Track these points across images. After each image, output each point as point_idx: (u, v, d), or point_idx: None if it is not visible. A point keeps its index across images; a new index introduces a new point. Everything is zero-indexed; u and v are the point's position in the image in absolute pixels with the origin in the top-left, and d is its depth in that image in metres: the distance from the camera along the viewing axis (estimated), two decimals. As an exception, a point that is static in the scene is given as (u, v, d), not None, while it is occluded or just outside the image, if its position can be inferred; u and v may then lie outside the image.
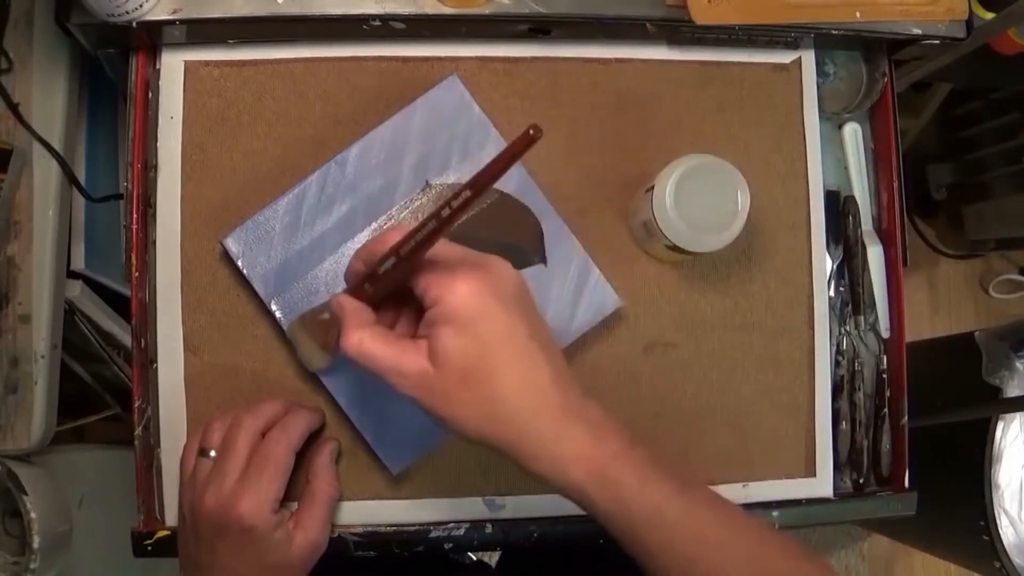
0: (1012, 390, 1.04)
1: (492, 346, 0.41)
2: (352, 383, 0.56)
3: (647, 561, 0.43)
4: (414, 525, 0.58)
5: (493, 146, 0.58)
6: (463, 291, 0.41)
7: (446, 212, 0.39)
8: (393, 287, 0.44)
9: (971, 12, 0.61)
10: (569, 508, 0.59)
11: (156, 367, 0.57)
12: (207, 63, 0.59)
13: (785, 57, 0.64)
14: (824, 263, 0.64)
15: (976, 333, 1.10)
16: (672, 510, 0.42)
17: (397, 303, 0.46)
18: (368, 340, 0.43)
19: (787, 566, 0.44)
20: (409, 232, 0.41)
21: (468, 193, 0.39)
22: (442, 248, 0.43)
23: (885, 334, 0.65)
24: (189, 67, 0.59)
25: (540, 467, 0.42)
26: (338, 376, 0.56)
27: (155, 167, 0.58)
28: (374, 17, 0.56)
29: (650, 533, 0.42)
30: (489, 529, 0.59)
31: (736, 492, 0.61)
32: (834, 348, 0.64)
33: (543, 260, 0.58)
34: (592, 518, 0.43)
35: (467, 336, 0.41)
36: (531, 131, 0.36)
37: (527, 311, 0.43)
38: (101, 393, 0.95)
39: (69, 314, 0.74)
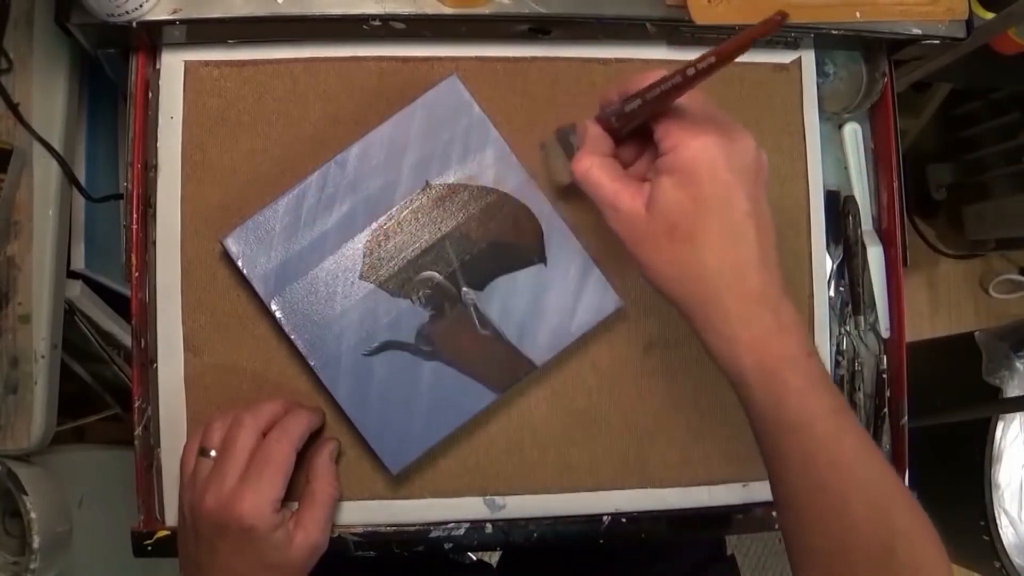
0: (1012, 390, 1.04)
1: (707, 209, 0.41)
2: (352, 383, 0.56)
3: (780, 468, 0.43)
4: (414, 525, 0.58)
5: (493, 146, 0.58)
6: (697, 147, 0.41)
7: (691, 71, 0.39)
8: (638, 125, 0.44)
9: (971, 12, 0.61)
10: (569, 508, 0.60)
11: (156, 367, 0.57)
12: (207, 63, 0.59)
13: (785, 57, 0.64)
14: (824, 263, 0.64)
15: (976, 333, 1.10)
16: (824, 427, 0.41)
17: (642, 143, 0.46)
18: (596, 168, 0.44)
19: (908, 524, 0.43)
20: (655, 81, 0.41)
21: (712, 59, 0.38)
22: (694, 102, 0.43)
23: (885, 334, 0.65)
24: (189, 67, 0.59)
25: (715, 342, 0.42)
26: (338, 376, 0.56)
27: (155, 167, 0.58)
28: (374, 17, 0.56)
29: (795, 442, 0.42)
30: (489, 529, 0.59)
31: (736, 492, 0.61)
32: (834, 348, 0.64)
33: (543, 260, 0.58)
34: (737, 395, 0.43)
35: (687, 191, 0.41)
36: (779, 16, 0.36)
37: (755, 189, 0.42)
38: (101, 393, 0.95)
39: (69, 314, 0.74)
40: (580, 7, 0.57)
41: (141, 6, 0.53)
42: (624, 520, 0.60)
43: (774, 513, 0.46)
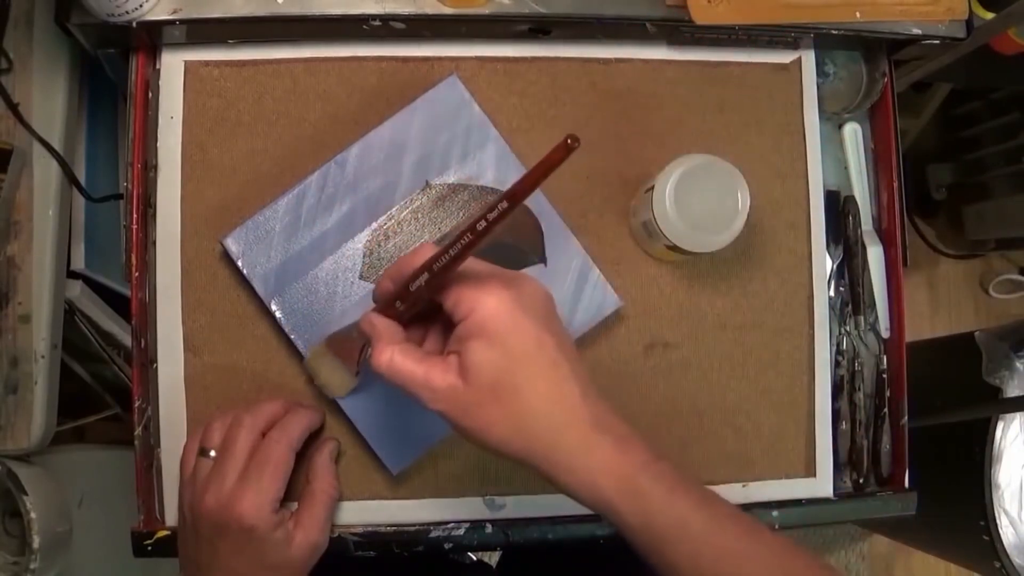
0: (1012, 390, 1.04)
1: (522, 360, 0.41)
2: (352, 383, 0.56)
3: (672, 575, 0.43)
4: (414, 525, 0.58)
5: (493, 146, 0.58)
6: (493, 304, 0.41)
7: (482, 225, 0.39)
8: (423, 304, 0.44)
9: (971, 12, 0.61)
10: (569, 508, 0.59)
11: (156, 367, 0.57)
12: (207, 63, 0.59)
13: (785, 57, 0.64)
14: (824, 263, 0.64)
15: (976, 333, 1.10)
16: (697, 523, 0.42)
17: (424, 321, 0.47)
18: (399, 356, 0.43)
19: None
20: (443, 247, 0.42)
21: (504, 205, 0.39)
22: (472, 263, 0.44)
23: (885, 334, 0.65)
24: (189, 67, 0.59)
25: (569, 480, 0.42)
26: (338, 376, 0.56)
27: (155, 167, 0.58)
28: (374, 17, 0.56)
29: (676, 546, 0.42)
30: (489, 529, 0.59)
31: (736, 492, 0.61)
32: (834, 348, 0.64)
33: (543, 260, 0.58)
34: (609, 525, 0.43)
35: (497, 349, 0.41)
36: (568, 141, 0.36)
37: (555, 326, 0.44)
38: (101, 393, 0.95)
39: (69, 314, 0.74)
40: (580, 7, 0.57)
41: (141, 6, 0.53)
42: (624, 520, 0.59)
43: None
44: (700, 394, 0.61)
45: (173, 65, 0.59)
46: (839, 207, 0.65)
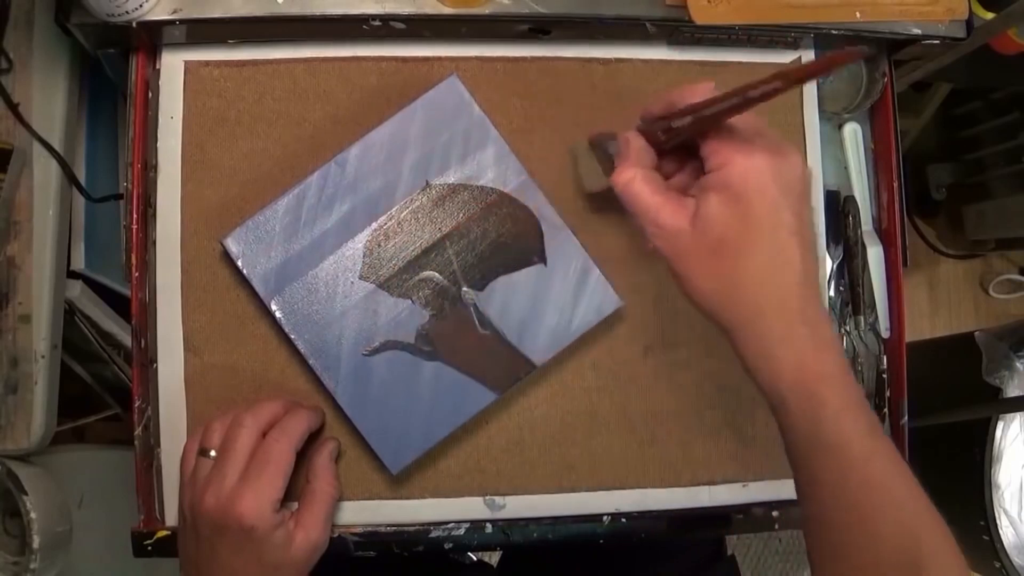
0: (1012, 390, 1.04)
1: (754, 228, 0.41)
2: (352, 383, 0.56)
3: (812, 486, 0.43)
4: (414, 525, 0.58)
5: (493, 146, 0.58)
6: (748, 166, 0.41)
7: (754, 93, 0.39)
8: (683, 140, 0.44)
9: (971, 12, 0.61)
10: (569, 508, 0.60)
11: (156, 367, 0.57)
12: (207, 63, 0.59)
13: (785, 57, 0.64)
14: (824, 263, 0.64)
15: (976, 333, 1.10)
16: (858, 448, 0.41)
17: (683, 156, 0.46)
18: (639, 181, 0.43)
19: (936, 546, 0.43)
20: (711, 99, 0.41)
21: (778, 84, 0.38)
22: (745, 117, 0.42)
23: (885, 334, 0.65)
24: (189, 67, 0.59)
25: (754, 360, 0.42)
26: (338, 376, 0.56)
27: (155, 167, 0.58)
28: (374, 17, 0.56)
29: (829, 462, 0.42)
30: (489, 529, 0.59)
31: (736, 492, 0.61)
32: (834, 348, 0.64)
33: (543, 260, 0.58)
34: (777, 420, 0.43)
35: (734, 209, 0.41)
36: (858, 50, 0.36)
37: (801, 208, 0.42)
38: (101, 393, 0.95)
39: (69, 314, 0.74)
40: (580, 7, 0.57)
41: (141, 6, 0.53)
42: (624, 520, 0.60)
43: (803, 534, 0.47)
44: (700, 394, 0.61)
45: (173, 65, 0.59)
46: (839, 207, 0.65)
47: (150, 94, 0.59)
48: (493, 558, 0.91)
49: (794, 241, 0.42)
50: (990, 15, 0.83)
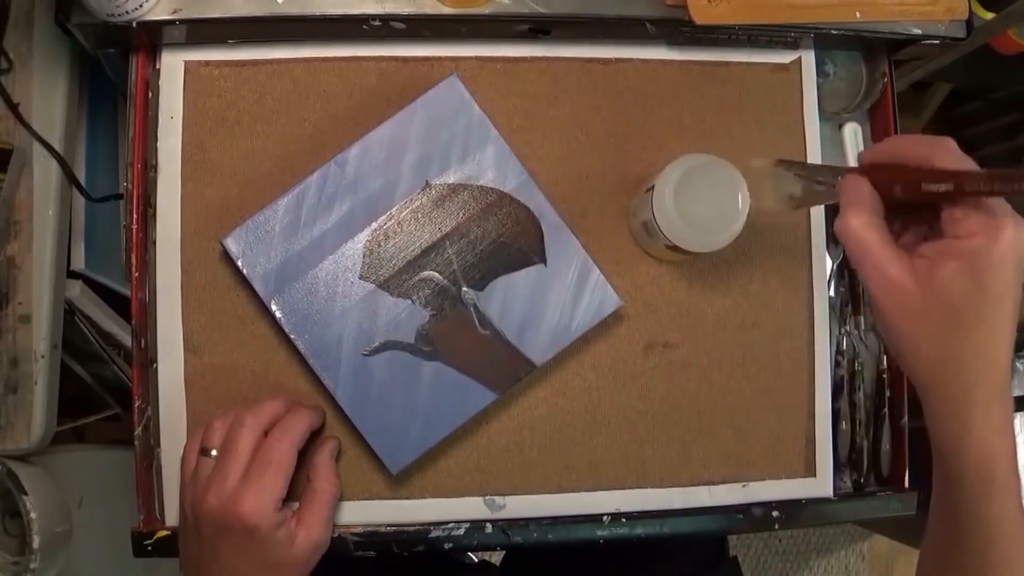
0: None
1: (988, 302, 0.41)
2: (352, 383, 0.56)
3: (965, 550, 0.45)
4: (414, 525, 0.58)
5: (493, 146, 0.58)
6: (997, 242, 0.40)
7: None
8: (919, 201, 0.43)
9: (971, 12, 0.61)
10: (569, 508, 0.60)
11: (156, 367, 0.57)
12: (207, 63, 0.59)
13: (785, 57, 0.64)
14: (824, 263, 0.64)
15: (976, 333, 1.10)
16: (1012, 531, 0.43)
17: (904, 211, 0.45)
18: (872, 229, 0.43)
19: None
20: (985, 175, 0.40)
21: None
22: None
23: (885, 334, 0.65)
24: (189, 67, 0.59)
25: (948, 425, 0.43)
26: (338, 376, 0.56)
27: (155, 167, 0.58)
28: (374, 17, 0.56)
29: (994, 533, 0.43)
30: (489, 529, 0.59)
31: (736, 492, 0.61)
32: (834, 348, 0.64)
33: (543, 260, 0.58)
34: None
35: (974, 282, 0.41)
36: None
37: (1022, 276, 0.42)
38: (101, 393, 0.95)
39: (69, 314, 0.74)
40: (580, 7, 0.57)
41: (141, 6, 0.53)
42: (624, 520, 0.60)
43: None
44: (700, 394, 0.61)
45: (173, 65, 0.59)
46: (839, 207, 0.65)
47: (150, 94, 0.59)
48: (496, 558, 0.91)
49: (1012, 317, 0.42)
50: (990, 15, 0.83)
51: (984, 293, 0.41)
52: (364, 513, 0.58)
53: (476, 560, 0.95)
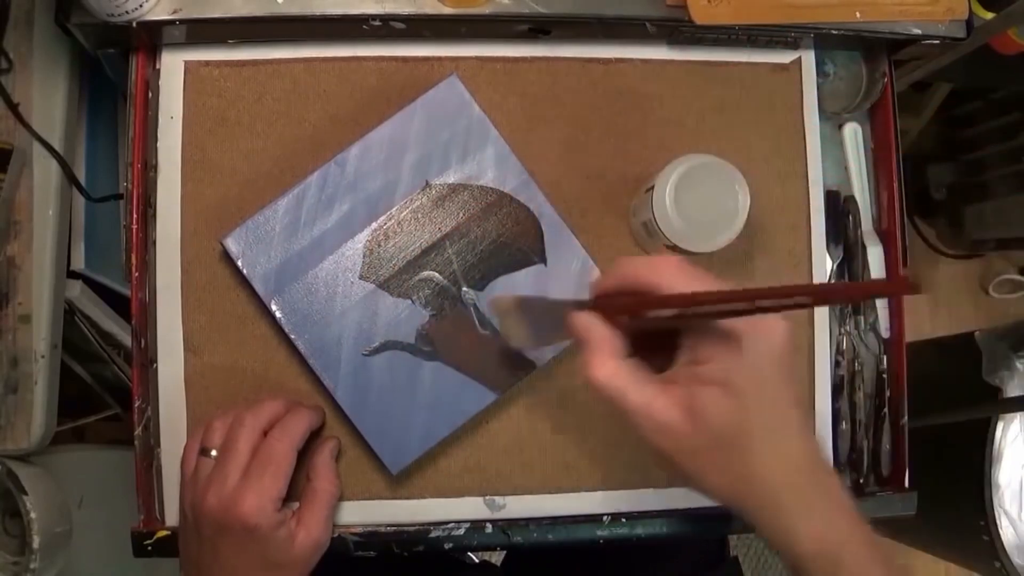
0: (1012, 390, 1.04)
1: (756, 415, 0.40)
2: (352, 383, 0.56)
3: None
4: (414, 525, 0.58)
5: (493, 146, 0.58)
6: (744, 356, 0.39)
7: (767, 303, 0.36)
8: (653, 329, 0.41)
9: (971, 12, 0.61)
10: (569, 508, 0.60)
11: (156, 367, 0.57)
12: (207, 63, 0.59)
13: (785, 57, 0.64)
14: (824, 263, 0.64)
15: (976, 333, 1.10)
16: None
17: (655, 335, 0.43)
18: (623, 374, 0.40)
19: None
20: (707, 295, 0.38)
21: (806, 300, 0.36)
22: None
23: (885, 334, 0.65)
24: (189, 67, 0.59)
25: (773, 537, 0.41)
26: (338, 376, 0.56)
27: (155, 167, 0.58)
28: (374, 17, 0.56)
29: None
30: (489, 529, 0.59)
31: (736, 492, 0.61)
32: (834, 348, 0.64)
33: (543, 260, 0.58)
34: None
35: (734, 402, 0.39)
36: (908, 279, 0.34)
37: (791, 375, 0.41)
38: (101, 393, 0.95)
39: (69, 314, 0.74)
40: (580, 7, 0.57)
41: (141, 6, 0.53)
42: (624, 520, 0.60)
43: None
44: (700, 394, 0.61)
45: (173, 65, 0.59)
46: (839, 207, 0.65)
47: (150, 94, 0.59)
48: (497, 558, 0.91)
49: (793, 414, 0.41)
50: (990, 15, 0.83)
51: (748, 412, 0.39)
52: (364, 513, 0.58)
53: (477, 560, 0.95)
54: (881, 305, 0.65)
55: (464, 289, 0.57)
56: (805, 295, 0.36)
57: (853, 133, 0.66)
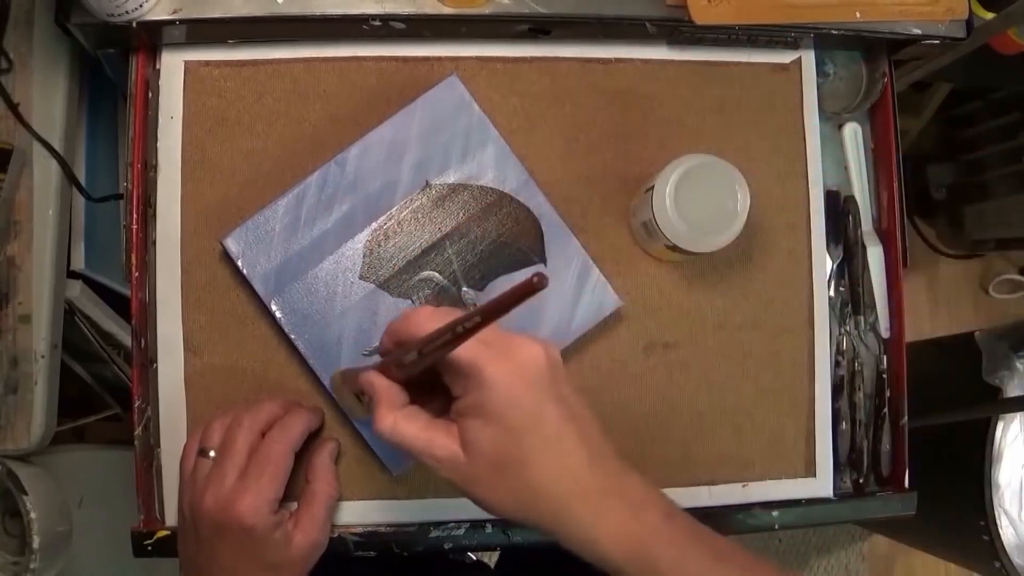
0: (1012, 390, 1.04)
1: (522, 435, 0.41)
2: (352, 383, 0.56)
3: None
4: (414, 525, 0.58)
5: (493, 146, 0.58)
6: (487, 382, 0.40)
7: (460, 329, 0.39)
8: (421, 371, 0.43)
9: (971, 12, 0.61)
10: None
11: (156, 367, 0.57)
12: (207, 63, 0.59)
13: (785, 57, 0.64)
14: (824, 263, 0.64)
15: (976, 333, 1.10)
16: None
17: (433, 377, 0.45)
18: (402, 423, 0.43)
19: None
20: (429, 335, 0.41)
21: (478, 319, 0.38)
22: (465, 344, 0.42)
23: (885, 334, 0.65)
24: (189, 67, 0.59)
25: (579, 548, 0.42)
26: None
27: (155, 167, 0.58)
28: (374, 17, 0.56)
29: None
30: (489, 529, 0.59)
31: (736, 492, 0.61)
32: (834, 348, 0.64)
33: (543, 260, 0.58)
34: None
35: (495, 427, 0.41)
36: (535, 279, 0.36)
37: (557, 391, 0.42)
38: (101, 393, 0.95)
39: (69, 314, 0.74)
40: (580, 7, 0.57)
41: (141, 6, 0.53)
42: (624, 520, 0.59)
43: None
44: (700, 394, 0.61)
45: (173, 65, 0.59)
46: (839, 207, 0.65)
47: (150, 94, 0.59)
48: (491, 558, 0.91)
49: (567, 428, 0.42)
50: (990, 15, 0.83)
51: (510, 434, 0.41)
52: (364, 513, 0.58)
53: (475, 559, 0.95)
54: (881, 305, 0.65)
55: (464, 289, 0.57)
56: (478, 315, 0.38)
57: (853, 133, 0.66)
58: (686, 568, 0.41)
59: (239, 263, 0.56)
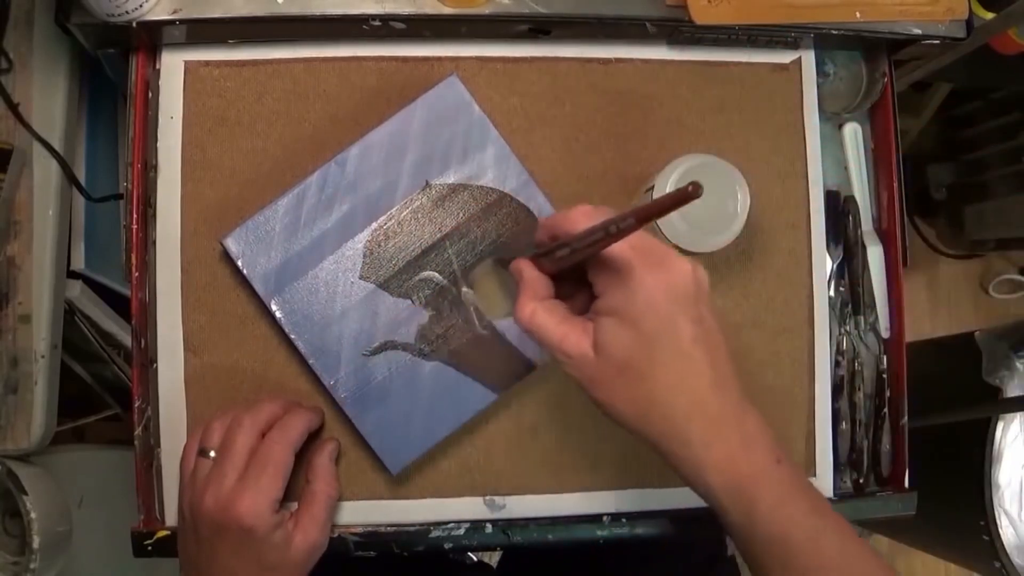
0: (1012, 390, 1.04)
1: (653, 345, 0.41)
2: (352, 383, 0.56)
3: (758, 573, 0.44)
4: (414, 525, 0.58)
5: (493, 146, 0.58)
6: (632, 287, 0.41)
7: (613, 229, 0.39)
8: (570, 267, 0.44)
9: (971, 12, 0.61)
10: (569, 508, 0.60)
11: (156, 367, 0.57)
12: (207, 63, 0.59)
13: (785, 57, 0.64)
14: (824, 263, 0.64)
15: (976, 333, 1.10)
16: (800, 533, 0.42)
17: (580, 277, 0.45)
18: (540, 313, 0.43)
19: None
20: (581, 233, 0.41)
21: (632, 221, 0.39)
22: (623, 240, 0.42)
23: (885, 334, 0.65)
24: (189, 67, 0.59)
25: (683, 468, 0.43)
26: (338, 376, 0.56)
27: (155, 167, 0.58)
28: (374, 17, 0.56)
29: (772, 553, 0.42)
30: (489, 529, 0.59)
31: (736, 492, 0.61)
32: (834, 348, 0.64)
33: (543, 260, 0.58)
34: (711, 520, 0.44)
35: (629, 331, 0.41)
36: (690, 187, 0.37)
37: (697, 310, 0.42)
38: (101, 393, 0.95)
39: (69, 314, 0.74)
40: (580, 7, 0.57)
41: (141, 6, 0.53)
42: (624, 520, 0.60)
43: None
44: (700, 394, 0.61)
45: (173, 65, 0.59)
46: (839, 207, 0.65)
47: (150, 94, 0.59)
48: (493, 558, 0.91)
49: (697, 348, 0.42)
50: (990, 15, 0.83)
51: (643, 340, 0.41)
52: (364, 513, 0.58)
53: (475, 560, 0.95)
54: (881, 305, 0.65)
55: (464, 289, 0.57)
56: (633, 216, 0.39)
57: (853, 133, 0.66)
58: (782, 512, 0.42)
59: (239, 263, 0.56)
